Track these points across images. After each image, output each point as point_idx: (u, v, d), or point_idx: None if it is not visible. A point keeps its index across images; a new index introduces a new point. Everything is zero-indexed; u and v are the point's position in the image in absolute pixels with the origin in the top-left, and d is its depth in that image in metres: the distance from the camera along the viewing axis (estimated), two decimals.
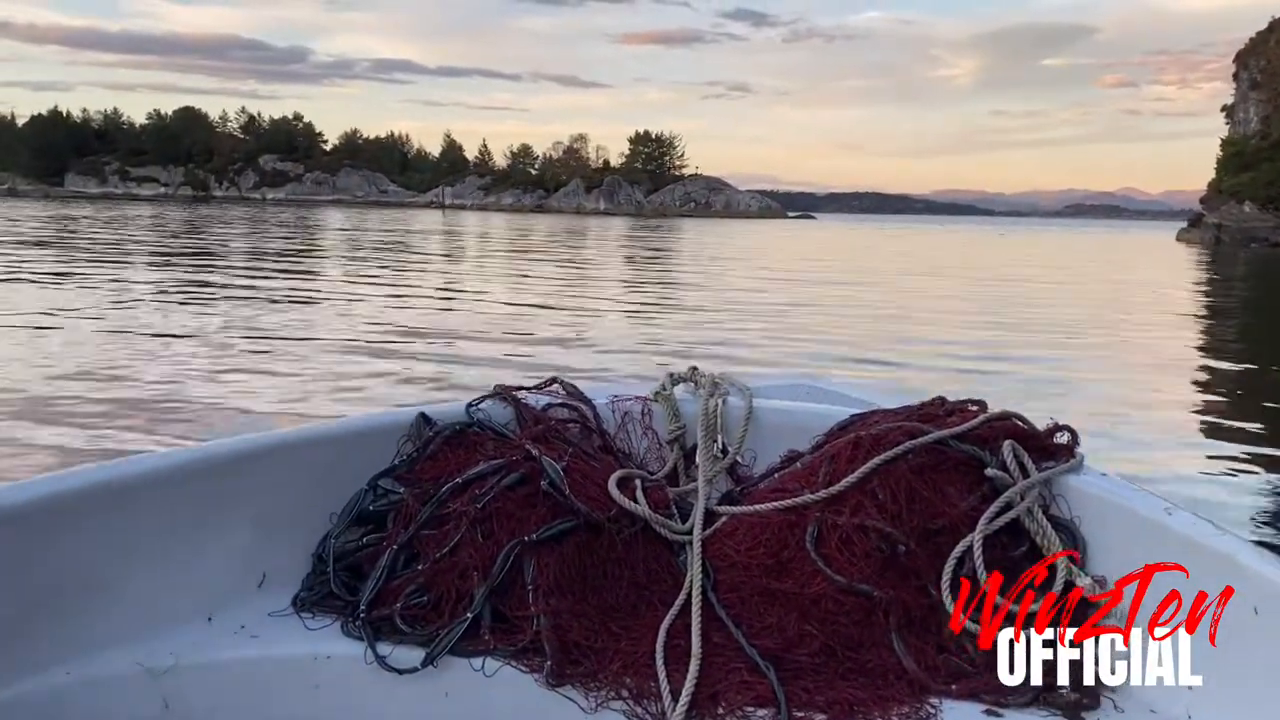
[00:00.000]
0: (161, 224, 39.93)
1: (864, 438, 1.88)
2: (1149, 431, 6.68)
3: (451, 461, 1.93)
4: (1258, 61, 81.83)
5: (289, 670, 1.67)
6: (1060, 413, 2.03)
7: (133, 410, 6.24)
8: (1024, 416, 1.93)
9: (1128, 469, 3.00)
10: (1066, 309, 14.80)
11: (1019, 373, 8.75)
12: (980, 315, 14.04)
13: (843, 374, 7.25)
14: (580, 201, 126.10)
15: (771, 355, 9.34)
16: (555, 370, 2.41)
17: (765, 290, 17.68)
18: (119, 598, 1.66)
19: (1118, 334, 12.52)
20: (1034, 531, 1.73)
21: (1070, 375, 8.80)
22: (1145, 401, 7.88)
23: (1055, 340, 11.34)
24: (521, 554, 1.74)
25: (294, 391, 7.09)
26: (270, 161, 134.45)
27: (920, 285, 20.31)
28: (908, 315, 13.48)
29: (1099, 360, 9.91)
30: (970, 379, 8.31)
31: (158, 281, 15.27)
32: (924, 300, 16.49)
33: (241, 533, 1.83)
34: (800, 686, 1.57)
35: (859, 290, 18.19)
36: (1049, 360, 9.55)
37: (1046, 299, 17.20)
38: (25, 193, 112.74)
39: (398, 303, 13.62)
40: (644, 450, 2.25)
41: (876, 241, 54.36)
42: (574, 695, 1.59)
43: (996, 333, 12.00)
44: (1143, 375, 9.20)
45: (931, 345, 10.42)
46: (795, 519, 1.81)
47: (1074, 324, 13.44)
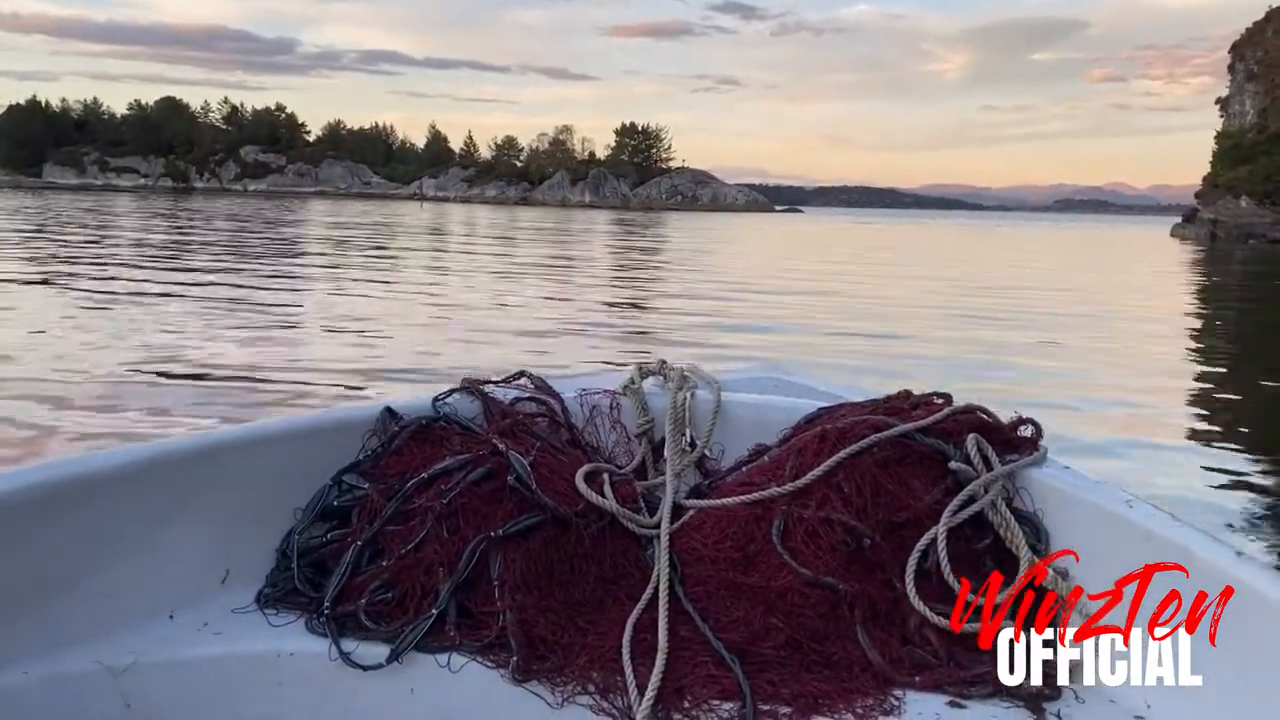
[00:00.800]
0: (111, 218, 38.73)
1: (830, 431, 1.89)
2: (1149, 436, 6.63)
3: (417, 456, 1.93)
4: (1254, 53, 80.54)
5: (252, 668, 1.66)
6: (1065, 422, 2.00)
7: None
8: (988, 410, 1.95)
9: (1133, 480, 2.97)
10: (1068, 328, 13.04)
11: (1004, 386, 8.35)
12: (967, 321, 12.99)
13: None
14: (565, 194, 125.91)
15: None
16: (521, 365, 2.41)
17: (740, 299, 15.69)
18: (78, 595, 1.64)
19: (1113, 339, 11.94)
20: (997, 524, 1.74)
21: (1063, 384, 8.55)
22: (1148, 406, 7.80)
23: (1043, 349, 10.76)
24: (488, 549, 1.74)
25: (251, 389, 7.03)
26: (252, 153, 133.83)
27: (900, 291, 18.33)
28: (887, 327, 12.21)
29: (1095, 366, 9.63)
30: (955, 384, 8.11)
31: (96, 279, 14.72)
32: (905, 311, 14.58)
33: (204, 529, 1.82)
34: (766, 679, 1.58)
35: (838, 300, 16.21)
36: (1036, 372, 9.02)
37: (1039, 308, 15.59)
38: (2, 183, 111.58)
39: (350, 295, 13.50)
40: (612, 444, 2.25)
41: (861, 236, 53.54)
42: (540, 690, 1.59)
43: (986, 332, 11.65)
44: (1138, 381, 9.01)
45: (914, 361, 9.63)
46: (762, 512, 1.82)
47: (1066, 329, 12.58)
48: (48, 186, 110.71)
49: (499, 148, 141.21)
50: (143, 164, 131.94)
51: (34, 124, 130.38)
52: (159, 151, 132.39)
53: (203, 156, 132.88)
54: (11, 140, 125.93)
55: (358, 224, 42.47)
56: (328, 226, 39.26)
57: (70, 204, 53.94)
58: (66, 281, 14.05)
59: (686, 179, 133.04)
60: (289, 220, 43.77)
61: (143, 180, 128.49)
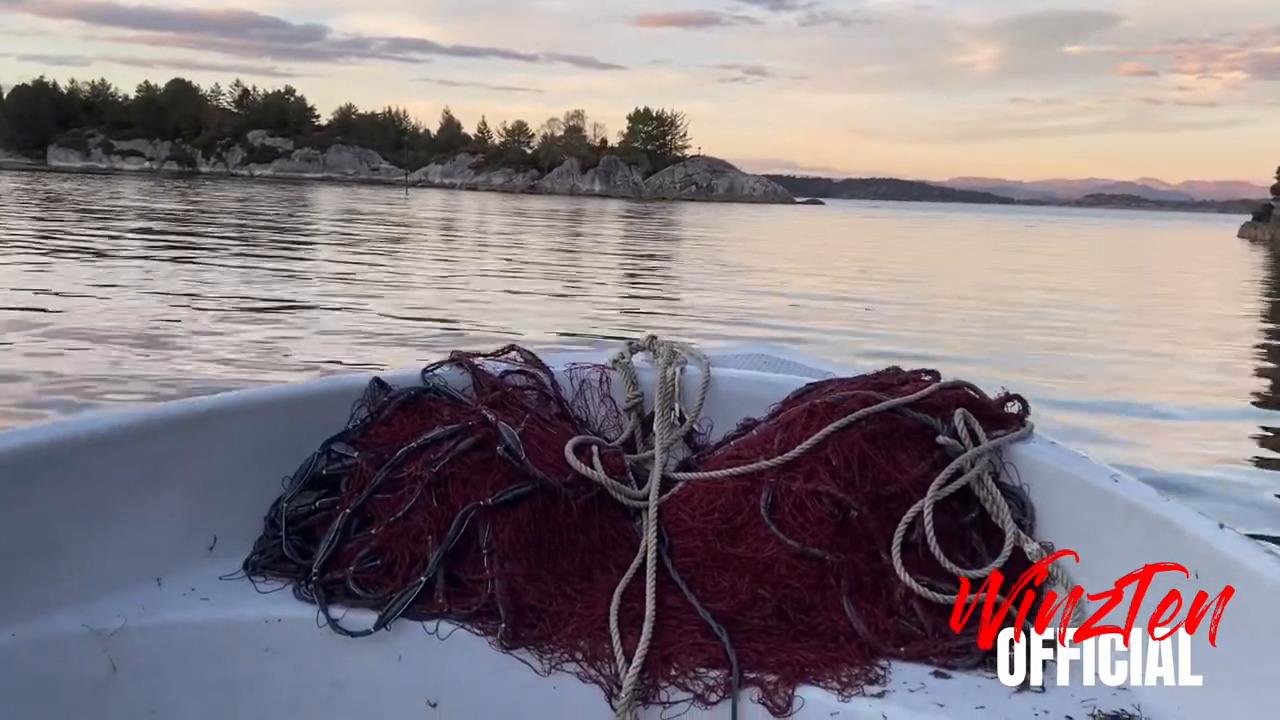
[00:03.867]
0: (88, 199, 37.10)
1: (819, 405, 1.93)
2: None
3: (406, 427, 1.96)
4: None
5: (240, 633, 1.69)
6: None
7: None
8: (976, 386, 1.99)
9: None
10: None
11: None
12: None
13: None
14: (574, 182, 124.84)
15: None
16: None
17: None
18: (67, 559, 1.67)
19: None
20: (983, 498, 1.79)
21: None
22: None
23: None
24: (476, 518, 1.78)
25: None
26: (259, 137, 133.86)
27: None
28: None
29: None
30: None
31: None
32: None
33: (192, 495, 1.85)
34: (752, 648, 1.62)
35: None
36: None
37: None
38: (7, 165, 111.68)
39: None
40: (602, 418, 2.29)
41: (882, 234, 48.89)
42: (528, 658, 1.63)
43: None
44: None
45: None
46: (750, 485, 1.86)
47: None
48: (45, 169, 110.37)
49: (509, 133, 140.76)
50: (148, 147, 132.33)
51: (39, 105, 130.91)
52: (165, 135, 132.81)
53: (209, 140, 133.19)
54: (15, 121, 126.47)
55: (292, 217, 34.45)
56: (258, 225, 29.28)
57: (35, 187, 50.06)
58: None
59: (702, 168, 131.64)
60: (227, 209, 37.38)
61: (148, 164, 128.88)
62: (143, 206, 33.43)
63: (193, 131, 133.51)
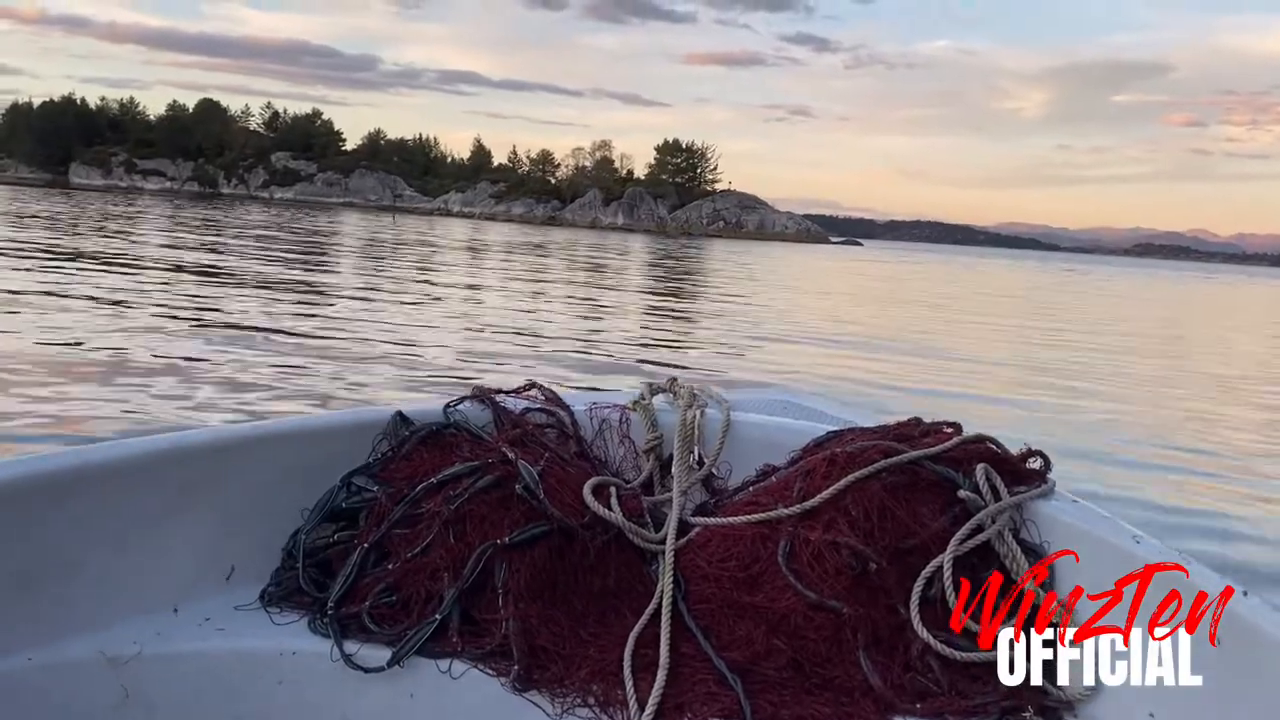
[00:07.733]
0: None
1: (839, 455, 1.97)
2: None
3: (427, 462, 2.02)
4: None
5: (253, 665, 1.74)
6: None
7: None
8: (998, 440, 2.03)
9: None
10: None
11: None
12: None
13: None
14: (596, 215, 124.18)
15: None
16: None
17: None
18: (84, 584, 1.72)
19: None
20: (1004, 554, 1.82)
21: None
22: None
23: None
24: (493, 557, 1.83)
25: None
26: (283, 159, 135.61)
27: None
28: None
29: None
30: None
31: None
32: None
33: (212, 524, 1.91)
34: (766, 700, 1.66)
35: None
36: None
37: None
38: (27, 180, 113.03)
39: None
40: (620, 458, 2.33)
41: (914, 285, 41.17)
42: (540, 700, 1.67)
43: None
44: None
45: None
46: (768, 532, 1.90)
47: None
48: (64, 186, 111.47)
49: (532, 162, 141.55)
50: (170, 167, 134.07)
51: (64, 121, 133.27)
52: (189, 154, 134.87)
53: (232, 161, 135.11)
54: (38, 138, 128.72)
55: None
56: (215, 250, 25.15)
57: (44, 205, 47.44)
58: None
59: (732, 203, 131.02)
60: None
61: (169, 183, 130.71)
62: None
63: (216, 152, 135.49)
